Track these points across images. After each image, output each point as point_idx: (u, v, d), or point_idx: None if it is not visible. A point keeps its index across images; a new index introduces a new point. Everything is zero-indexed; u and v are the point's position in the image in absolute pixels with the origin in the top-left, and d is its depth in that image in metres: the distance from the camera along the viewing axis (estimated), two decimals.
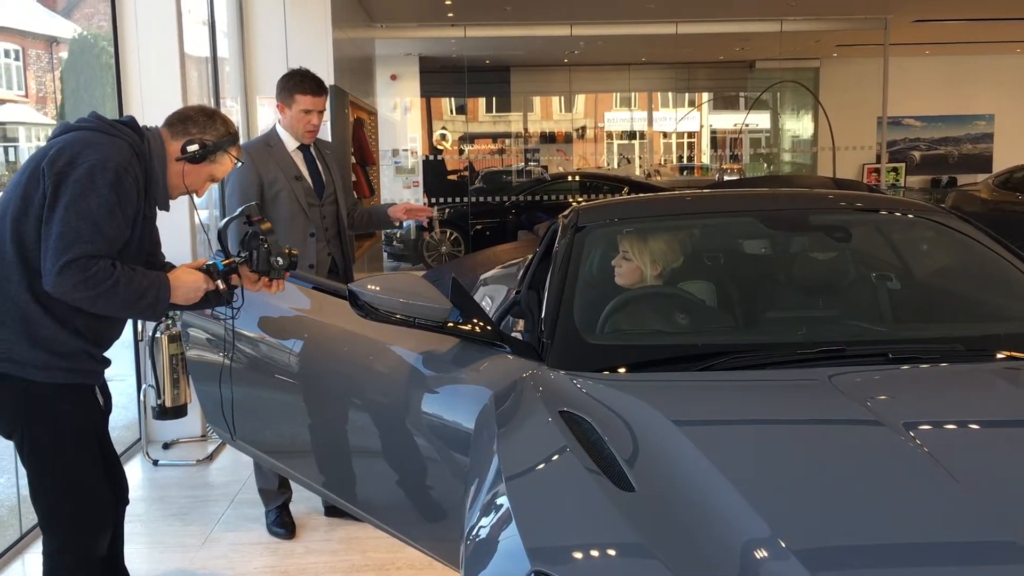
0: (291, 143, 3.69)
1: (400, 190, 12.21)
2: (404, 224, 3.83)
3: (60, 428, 2.44)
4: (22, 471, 2.57)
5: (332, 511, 3.87)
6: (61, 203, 2.28)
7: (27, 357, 2.36)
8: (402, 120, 13.63)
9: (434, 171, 13.55)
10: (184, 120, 2.59)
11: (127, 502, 2.71)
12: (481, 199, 12.23)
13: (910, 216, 3.17)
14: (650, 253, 2.81)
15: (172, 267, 2.63)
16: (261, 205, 3.48)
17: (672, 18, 11.07)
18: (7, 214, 2.35)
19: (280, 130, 3.70)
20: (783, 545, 1.49)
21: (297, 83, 3.64)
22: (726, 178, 14.90)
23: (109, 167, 2.32)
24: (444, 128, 17.81)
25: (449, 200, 12.02)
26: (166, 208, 2.62)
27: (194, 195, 2.65)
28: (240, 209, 2.75)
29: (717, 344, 2.48)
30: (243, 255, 2.65)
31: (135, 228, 2.44)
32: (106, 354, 2.57)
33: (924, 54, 14.20)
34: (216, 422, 3.33)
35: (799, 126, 16.03)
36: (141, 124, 2.56)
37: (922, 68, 14.35)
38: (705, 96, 18.25)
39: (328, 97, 3.77)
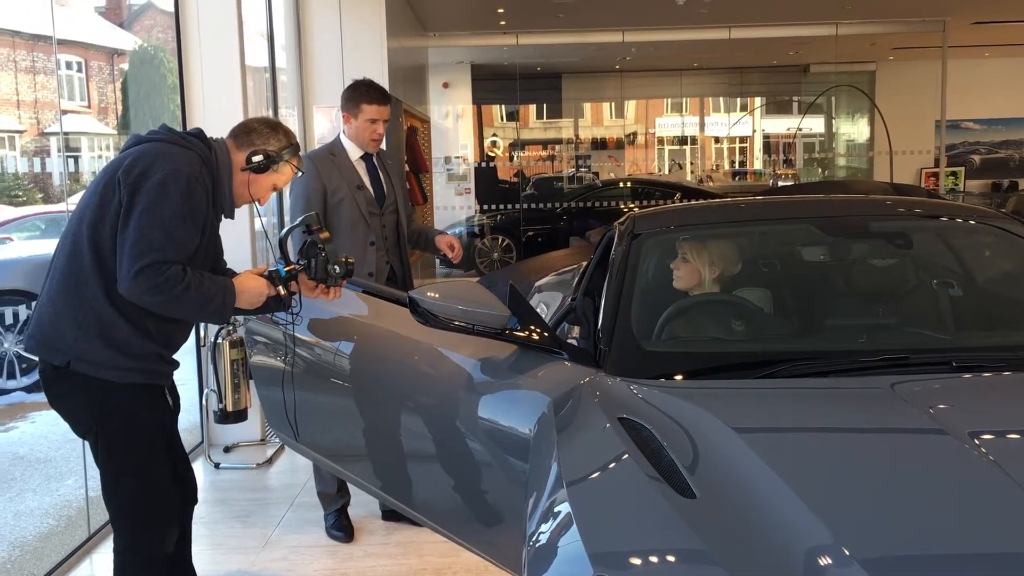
0: (355, 152, 3.75)
1: (452, 197, 12.27)
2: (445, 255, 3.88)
3: (133, 426, 2.52)
4: (90, 473, 2.64)
5: (389, 515, 3.91)
6: (136, 211, 2.37)
7: (102, 358, 2.45)
8: (454, 127, 13.73)
9: (485, 178, 13.60)
10: (248, 132, 2.68)
11: (196, 501, 2.78)
12: (532, 206, 12.24)
13: (971, 222, 3.13)
14: (709, 256, 2.81)
15: (234, 273, 2.71)
16: (324, 213, 3.55)
17: (725, 23, 11.00)
18: (84, 220, 2.45)
19: (344, 140, 3.77)
20: (846, 553, 1.49)
21: (363, 93, 3.71)
22: (780, 183, 14.73)
23: (181, 177, 2.41)
24: (495, 135, 17.87)
25: (501, 207, 12.06)
26: (231, 216, 2.69)
27: (257, 203, 2.72)
28: (300, 219, 2.82)
29: (776, 351, 2.47)
30: (302, 263, 2.72)
31: (203, 235, 2.52)
32: (174, 356, 2.65)
33: (984, 56, 13.91)
34: (278, 426, 3.40)
35: (854, 130, 15.80)
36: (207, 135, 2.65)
37: (981, 70, 14.02)
38: (758, 101, 18.07)
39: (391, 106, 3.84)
